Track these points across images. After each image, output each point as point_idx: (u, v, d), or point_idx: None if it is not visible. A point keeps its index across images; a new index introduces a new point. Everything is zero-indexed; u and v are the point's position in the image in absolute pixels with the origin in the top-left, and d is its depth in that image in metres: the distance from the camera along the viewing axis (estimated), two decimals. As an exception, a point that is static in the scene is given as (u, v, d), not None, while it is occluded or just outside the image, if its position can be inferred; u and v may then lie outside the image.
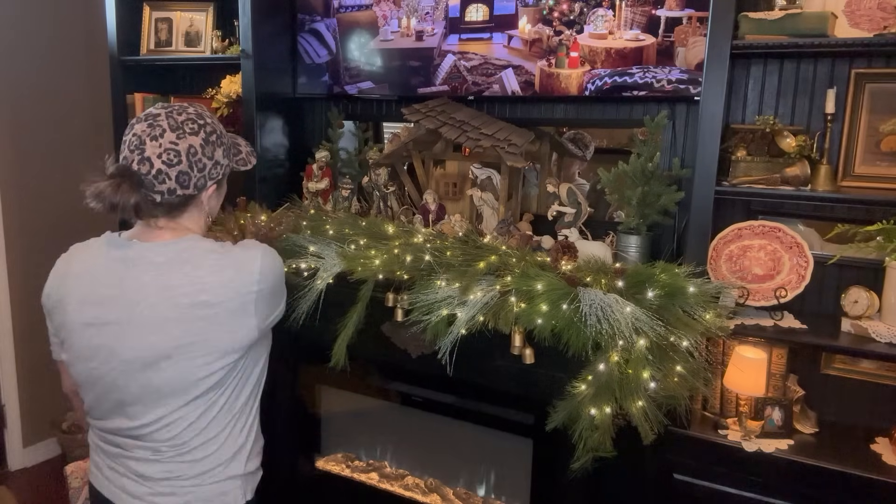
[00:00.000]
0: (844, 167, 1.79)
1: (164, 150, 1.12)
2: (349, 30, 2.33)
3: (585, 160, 2.19)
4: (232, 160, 1.28)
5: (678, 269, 1.52)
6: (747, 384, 1.74)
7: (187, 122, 1.16)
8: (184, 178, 1.14)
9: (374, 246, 1.83)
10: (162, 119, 1.14)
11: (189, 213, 1.22)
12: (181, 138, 1.14)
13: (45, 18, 2.97)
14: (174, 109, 1.17)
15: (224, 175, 1.25)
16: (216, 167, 1.20)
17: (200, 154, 1.16)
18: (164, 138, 1.12)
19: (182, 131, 1.14)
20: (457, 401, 2.03)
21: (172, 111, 1.17)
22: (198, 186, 1.17)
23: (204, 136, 1.17)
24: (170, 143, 1.12)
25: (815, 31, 1.64)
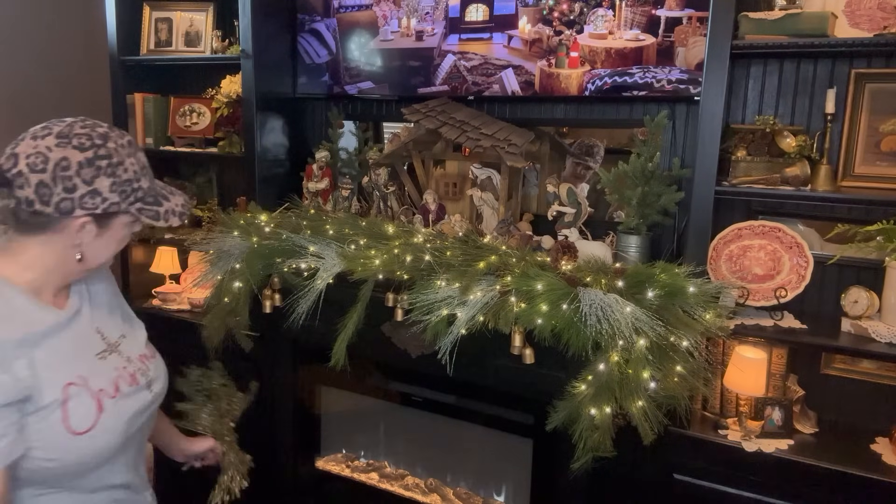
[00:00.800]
0: (844, 167, 1.79)
1: (35, 153, 0.97)
2: (349, 30, 2.33)
3: (594, 168, 2.19)
4: (133, 204, 1.06)
5: (678, 269, 1.52)
6: (747, 384, 1.74)
7: (81, 136, 1.00)
8: (44, 192, 0.97)
9: (374, 246, 1.83)
10: (61, 124, 1.02)
11: (41, 241, 1.02)
12: (60, 147, 0.98)
13: (45, 18, 2.97)
14: (87, 123, 1.03)
15: (108, 214, 1.03)
16: (93, 196, 1.00)
17: (73, 171, 0.98)
18: (43, 141, 0.99)
19: (66, 141, 0.99)
20: (457, 401, 2.03)
21: (80, 123, 1.03)
22: (60, 209, 0.98)
23: (90, 156, 0.99)
24: (44, 147, 0.98)
25: (815, 31, 1.64)
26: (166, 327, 2.50)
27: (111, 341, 1.16)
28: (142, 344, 1.24)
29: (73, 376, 1.05)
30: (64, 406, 1.02)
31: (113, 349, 1.16)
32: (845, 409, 1.87)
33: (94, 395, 1.07)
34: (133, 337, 1.23)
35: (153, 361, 1.24)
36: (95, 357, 1.12)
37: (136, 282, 2.75)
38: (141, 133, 2.67)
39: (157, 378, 1.22)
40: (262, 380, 2.33)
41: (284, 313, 1.89)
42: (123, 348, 1.18)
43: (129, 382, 1.14)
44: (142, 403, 1.16)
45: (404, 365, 1.94)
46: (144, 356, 1.22)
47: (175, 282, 2.77)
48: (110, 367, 1.13)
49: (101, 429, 1.06)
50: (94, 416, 1.05)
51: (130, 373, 1.16)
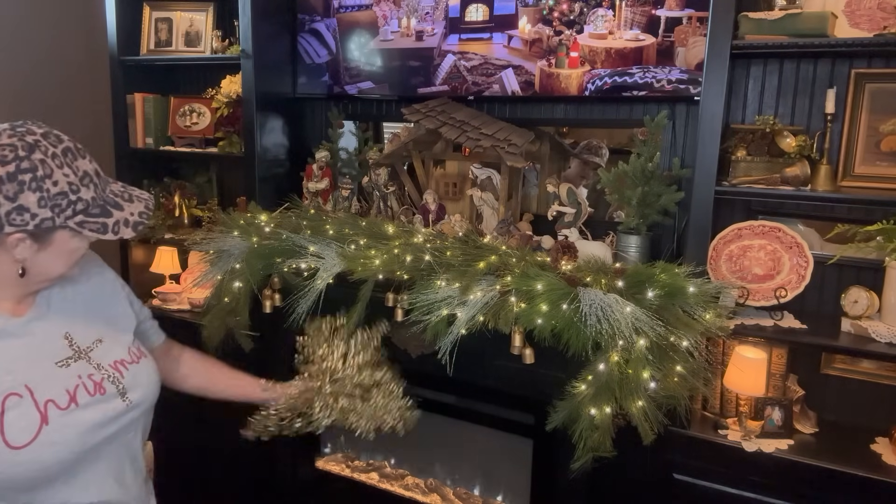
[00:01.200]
0: (844, 167, 1.79)
1: None
2: (349, 30, 2.33)
3: (602, 164, 2.19)
4: (70, 218, 0.99)
5: (678, 269, 1.52)
6: (747, 384, 1.74)
7: (5, 148, 0.94)
8: None
9: (374, 246, 1.83)
10: None
11: None
12: None
13: (45, 18, 2.97)
14: (18, 131, 0.97)
15: (45, 229, 0.98)
16: (20, 213, 0.94)
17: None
18: None
19: None
20: (457, 401, 2.03)
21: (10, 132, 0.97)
22: None
23: (12, 170, 0.93)
24: None
25: (815, 31, 1.64)
26: (166, 327, 2.49)
27: (81, 347, 1.11)
28: (123, 349, 1.17)
29: (15, 386, 0.99)
30: (1, 418, 0.97)
31: (80, 356, 1.10)
32: (845, 409, 1.87)
33: (39, 406, 1.00)
34: (114, 341, 1.16)
35: (133, 367, 1.16)
36: (54, 365, 1.06)
37: (136, 282, 2.75)
38: (141, 133, 2.67)
39: (135, 386, 1.14)
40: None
41: (284, 313, 1.89)
42: (96, 354, 1.12)
43: (90, 392, 1.07)
44: (108, 413, 1.08)
45: (404, 365, 1.93)
46: (121, 362, 1.15)
47: (175, 282, 2.77)
48: (70, 375, 1.06)
49: (44, 442, 0.99)
50: (36, 429, 0.99)
51: (96, 381, 1.09)
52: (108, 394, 1.09)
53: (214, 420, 2.44)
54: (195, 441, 2.41)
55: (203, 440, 2.32)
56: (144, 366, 1.19)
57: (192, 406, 1.62)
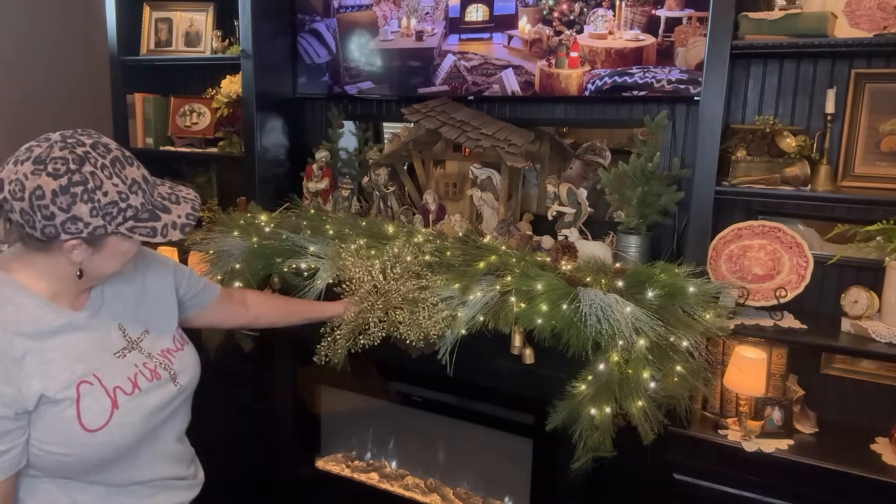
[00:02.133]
0: (844, 167, 1.79)
1: (14, 180, 0.97)
2: (349, 30, 2.33)
3: (605, 165, 2.19)
4: (121, 225, 1.03)
5: (678, 269, 1.52)
6: (747, 384, 1.74)
7: (57, 161, 0.98)
8: (27, 218, 0.98)
9: (374, 246, 1.82)
10: (42, 145, 1.00)
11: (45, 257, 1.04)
12: (35, 175, 0.97)
13: (45, 18, 2.97)
14: (68, 143, 1.01)
15: (98, 236, 1.03)
16: (74, 222, 0.98)
17: (48, 201, 0.97)
18: (21, 167, 0.98)
19: (41, 168, 0.97)
20: (457, 401, 2.03)
21: (61, 144, 1.00)
22: (46, 234, 0.99)
23: (64, 183, 0.97)
24: (22, 175, 0.97)
25: (815, 31, 1.64)
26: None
27: (133, 338, 1.19)
28: (168, 338, 1.26)
29: (87, 374, 1.07)
30: (77, 404, 1.05)
31: (134, 346, 1.18)
32: (845, 409, 1.87)
33: (108, 392, 1.09)
34: (159, 331, 1.25)
35: (179, 354, 1.26)
36: (113, 355, 1.14)
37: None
38: (141, 133, 2.67)
39: (183, 370, 1.24)
40: (263, 380, 2.34)
41: (284, 313, 1.88)
42: (146, 344, 1.20)
43: (148, 378, 1.16)
44: (164, 397, 1.18)
45: (404, 365, 1.94)
46: (168, 350, 1.24)
47: (175, 282, 2.77)
48: (128, 364, 1.15)
49: (116, 425, 1.08)
50: (108, 413, 1.08)
51: (151, 368, 1.18)
52: (162, 379, 1.19)
53: (214, 420, 2.44)
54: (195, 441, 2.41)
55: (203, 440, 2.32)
56: (188, 352, 1.29)
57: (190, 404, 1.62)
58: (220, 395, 2.44)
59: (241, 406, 2.41)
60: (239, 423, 2.43)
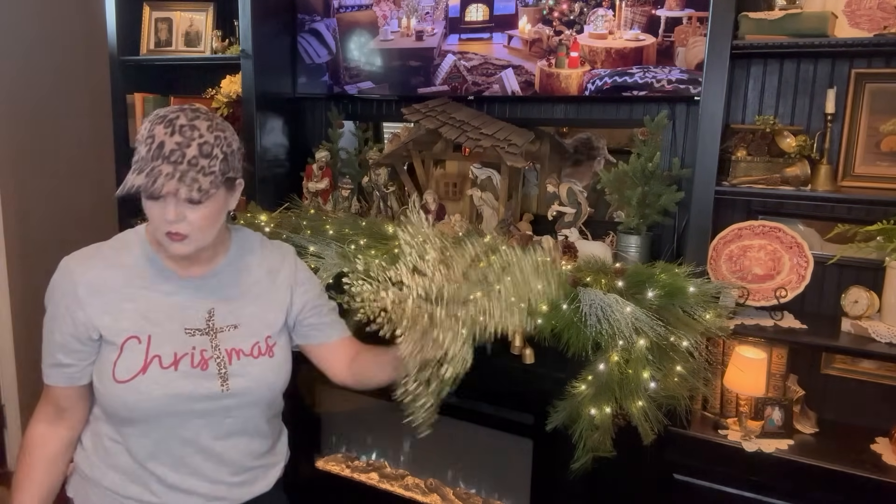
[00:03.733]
0: (844, 167, 1.79)
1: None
2: (349, 30, 2.33)
3: (603, 159, 2.19)
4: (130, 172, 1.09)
5: (678, 269, 1.52)
6: (747, 384, 1.74)
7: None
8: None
9: (374, 246, 1.82)
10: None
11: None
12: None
13: (45, 18, 2.97)
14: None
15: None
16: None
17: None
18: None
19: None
20: (457, 401, 2.02)
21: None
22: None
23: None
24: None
25: (815, 31, 1.64)
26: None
27: (214, 325, 1.19)
28: (249, 342, 1.22)
29: (141, 332, 1.13)
30: (119, 352, 1.12)
31: (207, 332, 1.19)
32: (845, 409, 1.87)
33: (147, 356, 1.13)
34: (246, 332, 1.22)
35: (247, 360, 1.20)
36: (182, 329, 1.17)
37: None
38: (141, 133, 2.67)
39: (241, 375, 1.19)
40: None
41: (284, 313, 1.88)
42: (223, 336, 1.19)
43: (193, 364, 1.15)
44: (200, 390, 1.15)
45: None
46: (238, 351, 1.20)
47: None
48: (188, 343, 1.16)
49: (134, 387, 1.12)
50: (133, 373, 1.12)
51: (205, 357, 1.17)
52: (208, 372, 1.16)
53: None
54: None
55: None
56: (261, 363, 1.23)
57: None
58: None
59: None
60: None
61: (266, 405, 1.27)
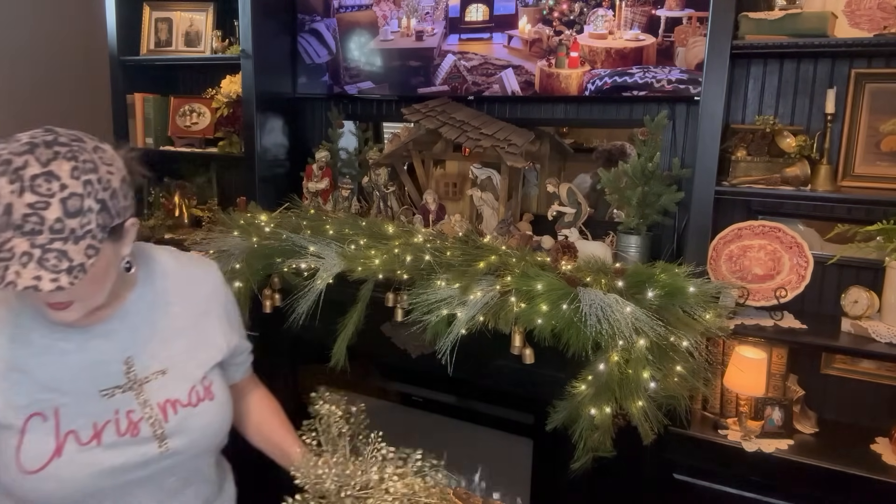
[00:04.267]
0: (844, 167, 1.79)
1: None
2: (349, 30, 2.33)
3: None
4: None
5: (678, 269, 1.52)
6: (747, 384, 1.74)
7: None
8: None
9: (374, 246, 1.82)
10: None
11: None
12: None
13: (45, 18, 2.97)
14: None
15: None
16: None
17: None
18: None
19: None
20: (457, 401, 2.03)
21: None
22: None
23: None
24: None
25: (815, 31, 1.64)
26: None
27: (138, 376, 0.99)
28: (185, 387, 1.03)
29: (46, 408, 0.92)
30: (21, 436, 0.91)
31: (130, 387, 0.98)
32: (845, 409, 1.87)
33: (59, 435, 0.92)
34: (179, 375, 1.03)
35: (186, 411, 1.02)
36: (97, 392, 0.96)
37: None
38: (141, 133, 2.67)
39: (181, 431, 1.01)
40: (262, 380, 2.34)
41: (284, 313, 1.89)
42: (150, 387, 1.00)
43: (120, 432, 0.96)
44: (134, 458, 0.96)
45: (404, 365, 1.93)
46: (174, 402, 1.01)
47: (175, 282, 2.77)
48: (107, 408, 0.96)
49: (51, 475, 0.91)
50: (46, 460, 0.91)
51: (132, 420, 0.97)
52: (140, 436, 0.97)
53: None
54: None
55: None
56: (203, 410, 1.05)
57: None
58: (220, 395, 2.45)
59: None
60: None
61: (214, 452, 1.11)
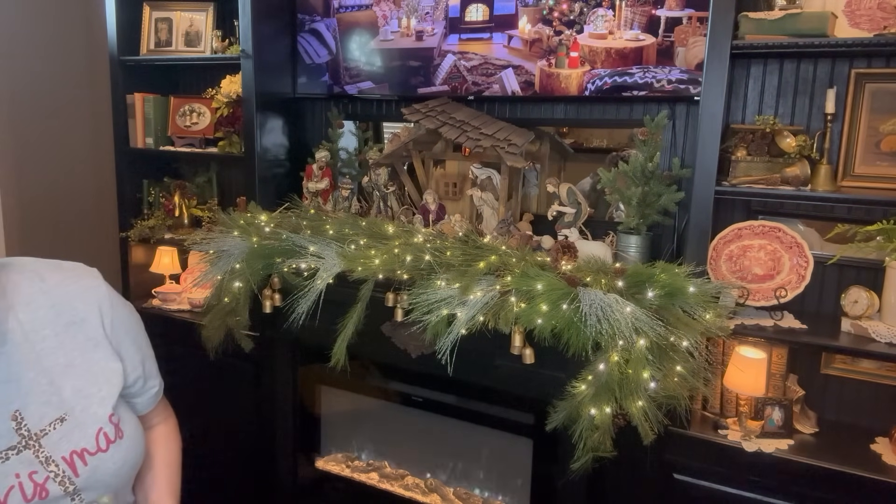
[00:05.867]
0: (844, 167, 1.79)
1: None
2: (349, 30, 2.33)
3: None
4: None
5: (678, 269, 1.52)
6: (747, 384, 1.74)
7: None
8: None
9: (374, 246, 1.83)
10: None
11: None
12: None
13: (45, 19, 2.97)
14: None
15: None
16: None
17: None
18: None
19: None
20: (457, 401, 2.03)
21: None
22: None
23: None
24: None
25: (815, 31, 1.64)
26: (166, 328, 2.50)
27: (31, 430, 0.86)
28: (91, 432, 0.90)
29: None
30: None
31: (28, 443, 0.86)
32: (845, 409, 1.87)
33: None
34: (81, 419, 0.90)
35: (97, 458, 0.90)
36: None
37: (135, 282, 2.75)
38: (141, 133, 2.67)
39: (95, 482, 0.90)
40: (263, 380, 2.34)
41: (284, 313, 1.89)
42: (50, 440, 0.87)
43: (28, 496, 0.84)
44: None
45: (404, 365, 1.94)
46: (81, 452, 0.89)
47: (175, 282, 2.77)
48: (7, 472, 0.84)
49: None
50: None
51: (37, 482, 0.85)
52: (50, 497, 0.86)
53: (214, 419, 2.44)
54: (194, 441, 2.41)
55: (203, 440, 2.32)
56: (115, 452, 0.93)
57: (191, 404, 1.62)
58: (221, 395, 2.45)
59: (242, 406, 2.41)
60: (239, 423, 2.43)
61: (130, 485, 1.00)
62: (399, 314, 1.81)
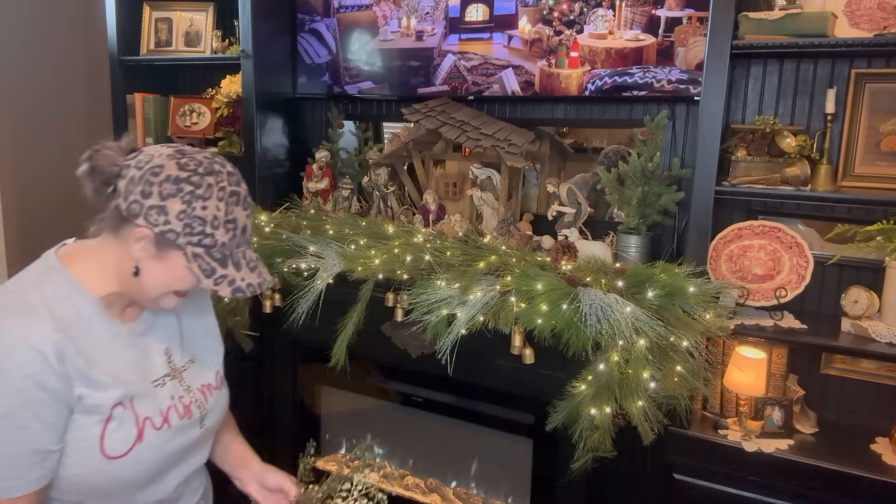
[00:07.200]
0: (844, 167, 1.79)
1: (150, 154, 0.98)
2: (349, 30, 2.33)
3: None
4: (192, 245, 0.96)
5: (678, 269, 1.52)
6: (747, 384, 1.74)
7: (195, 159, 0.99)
8: (129, 187, 0.95)
9: (374, 246, 1.83)
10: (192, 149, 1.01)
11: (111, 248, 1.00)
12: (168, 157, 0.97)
13: (45, 18, 2.97)
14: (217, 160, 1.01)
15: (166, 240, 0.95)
16: (159, 213, 0.94)
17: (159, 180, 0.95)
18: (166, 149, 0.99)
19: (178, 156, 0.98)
20: (457, 401, 2.03)
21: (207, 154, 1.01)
22: (129, 210, 0.95)
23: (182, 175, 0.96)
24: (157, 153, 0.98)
25: (815, 31, 1.64)
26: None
27: (176, 366, 1.11)
28: (211, 373, 1.17)
29: (124, 398, 1.00)
30: (105, 425, 0.98)
31: (175, 375, 1.10)
32: (845, 409, 1.87)
33: (138, 421, 1.01)
34: (203, 363, 1.16)
35: (216, 393, 1.16)
36: (152, 384, 1.05)
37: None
38: (141, 133, 2.67)
39: (212, 412, 1.15)
40: (262, 380, 2.34)
41: (284, 313, 1.89)
42: (188, 375, 1.12)
43: (181, 415, 1.08)
44: (189, 439, 1.09)
45: (404, 365, 1.94)
46: (208, 386, 1.15)
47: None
48: (165, 395, 1.06)
49: (133, 459, 1.00)
50: (130, 444, 1.00)
51: (185, 404, 1.09)
52: (192, 418, 1.10)
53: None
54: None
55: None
56: (223, 393, 1.20)
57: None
58: (220, 395, 2.45)
59: (242, 406, 2.41)
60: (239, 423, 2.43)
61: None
62: (399, 314, 1.81)
